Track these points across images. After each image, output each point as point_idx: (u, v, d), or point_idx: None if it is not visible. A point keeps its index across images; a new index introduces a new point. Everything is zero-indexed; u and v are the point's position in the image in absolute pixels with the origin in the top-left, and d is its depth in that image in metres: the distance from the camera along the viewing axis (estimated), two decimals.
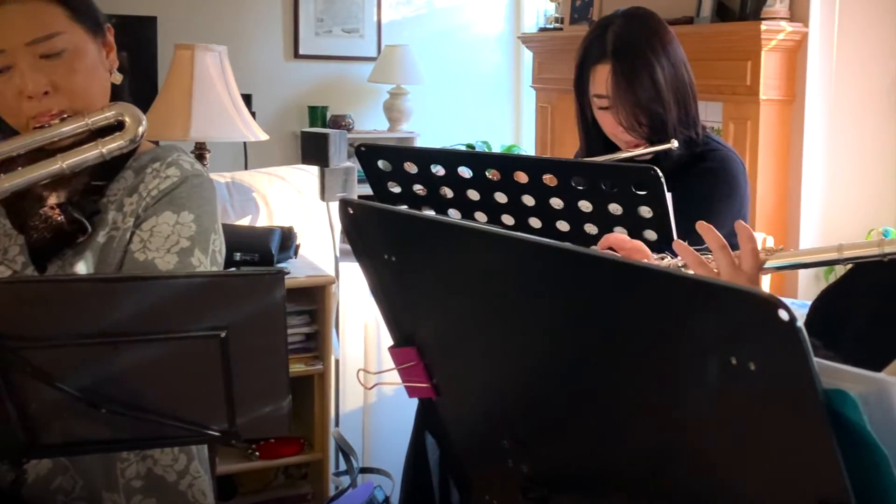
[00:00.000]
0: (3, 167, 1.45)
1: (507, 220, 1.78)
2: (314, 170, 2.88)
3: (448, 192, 1.80)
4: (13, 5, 1.45)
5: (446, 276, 0.92)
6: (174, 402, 1.13)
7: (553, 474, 0.94)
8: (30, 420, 1.13)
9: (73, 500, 1.47)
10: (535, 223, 1.76)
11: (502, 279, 0.86)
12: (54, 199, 1.48)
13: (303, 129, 3.28)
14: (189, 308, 1.10)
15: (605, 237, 1.61)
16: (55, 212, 1.46)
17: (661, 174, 1.63)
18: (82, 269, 1.47)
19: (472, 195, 1.78)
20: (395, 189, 1.84)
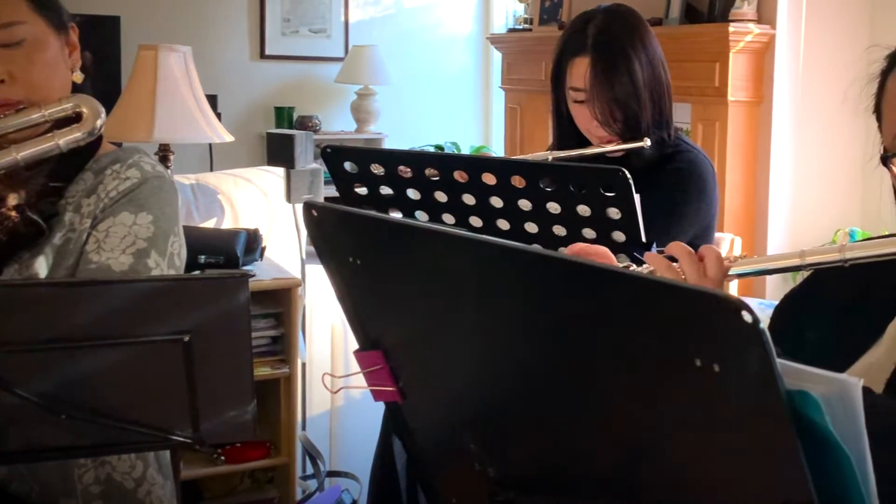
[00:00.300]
0: None
1: (475, 222, 1.78)
2: (280, 171, 2.88)
3: (415, 194, 1.80)
4: None
5: (412, 279, 0.92)
6: (137, 407, 1.13)
7: (520, 477, 0.95)
8: None
9: None
10: (503, 225, 1.76)
11: (468, 282, 0.86)
12: (13, 199, 1.46)
13: (268, 131, 3.27)
14: (151, 312, 1.09)
15: (570, 248, 1.61)
16: (12, 213, 1.45)
17: (629, 176, 1.64)
18: (39, 271, 1.46)
19: (440, 197, 1.78)
20: (362, 191, 1.84)
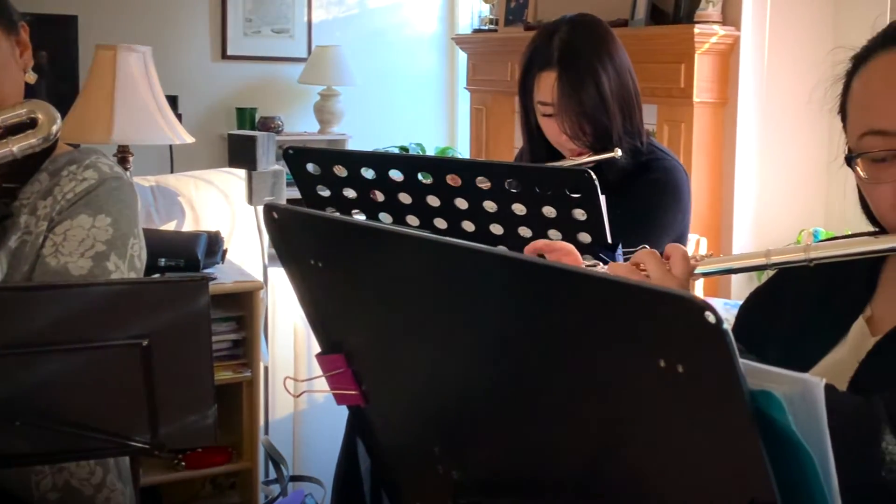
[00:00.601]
0: None
1: (439, 224, 1.78)
2: (242, 173, 2.86)
3: (379, 196, 1.80)
4: None
5: (374, 282, 0.92)
6: (95, 413, 1.12)
7: (484, 480, 0.95)
8: None
9: None
10: (468, 227, 1.77)
11: (431, 284, 0.86)
12: None
13: (230, 132, 3.26)
14: (109, 316, 1.08)
15: (532, 243, 1.62)
16: None
17: (594, 177, 1.65)
18: None
19: (404, 199, 1.78)
20: (325, 193, 1.84)
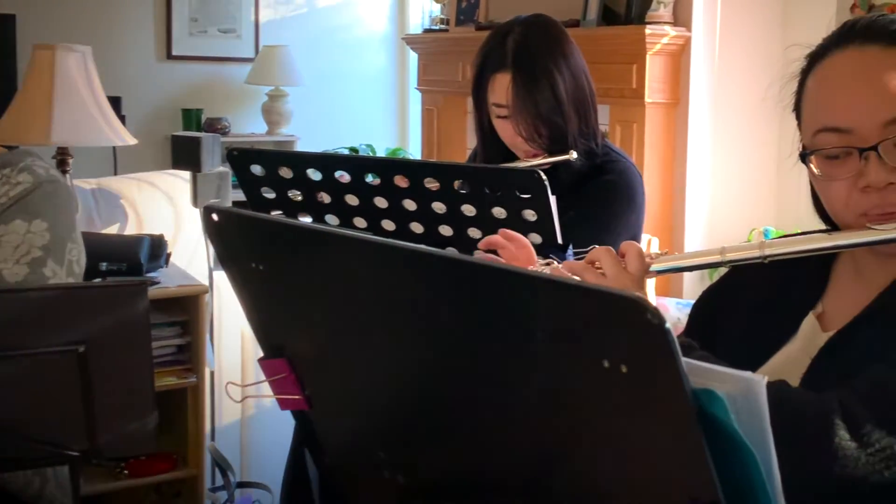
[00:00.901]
0: None
1: (387, 226, 1.78)
2: (186, 175, 2.84)
3: (325, 198, 1.79)
4: None
5: (316, 285, 0.92)
6: (29, 421, 1.10)
7: (430, 484, 0.95)
8: None
9: None
10: (416, 228, 1.77)
11: (373, 287, 0.86)
12: None
13: (173, 133, 3.23)
14: (45, 322, 1.07)
15: (487, 238, 1.62)
16: None
17: (544, 177, 1.66)
18: None
19: (351, 200, 1.78)
20: (270, 195, 1.83)
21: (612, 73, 3.90)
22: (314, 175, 1.77)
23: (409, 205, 1.74)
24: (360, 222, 1.80)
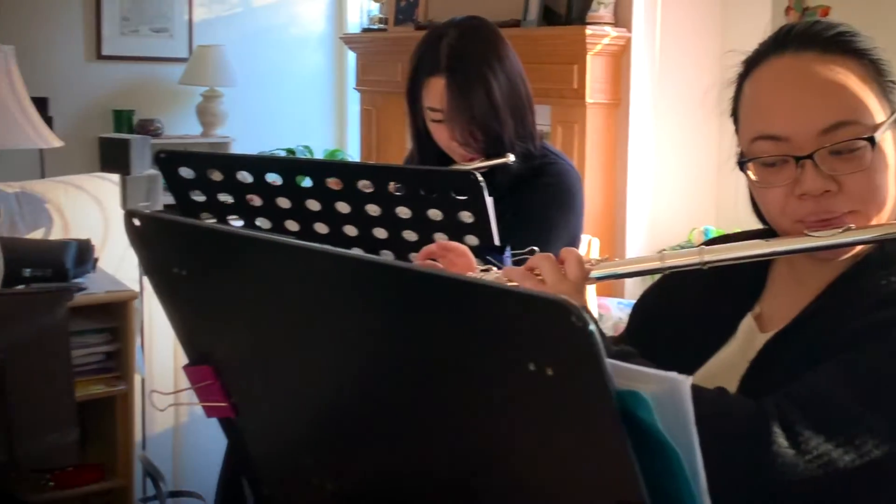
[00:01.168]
0: None
1: (320, 229, 1.78)
2: (115, 178, 2.81)
3: (257, 201, 1.78)
4: None
5: (240, 291, 0.91)
6: None
7: (359, 490, 0.95)
8: None
9: None
10: (350, 231, 1.76)
11: (298, 292, 0.86)
12: None
13: (101, 135, 3.18)
14: None
15: (424, 249, 1.63)
16: None
17: (481, 179, 1.66)
18: None
19: (283, 203, 1.77)
20: (200, 198, 1.81)
21: (552, 73, 3.93)
22: (245, 178, 1.76)
23: (343, 207, 1.73)
24: (292, 225, 1.79)
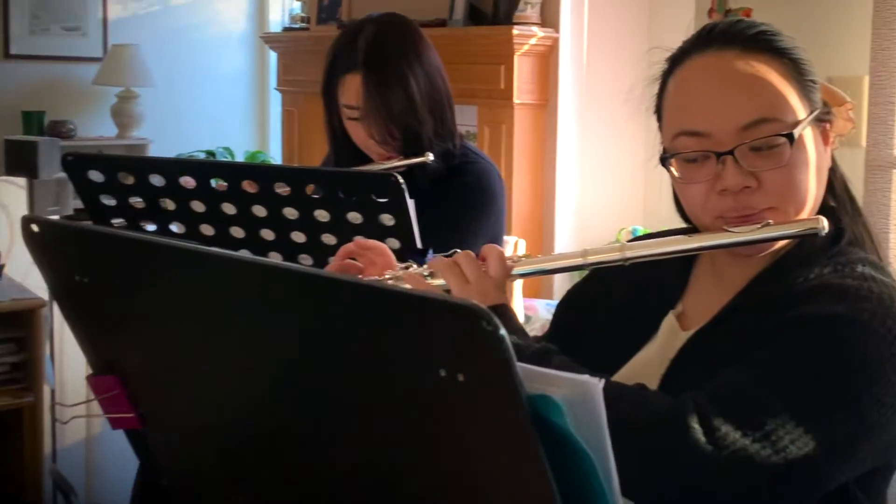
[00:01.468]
0: None
1: (236, 233, 1.76)
2: (22, 181, 2.75)
3: (170, 204, 1.76)
4: None
5: (144, 298, 0.90)
6: None
7: (275, 501, 0.94)
8: None
9: None
10: (267, 235, 1.75)
11: (204, 299, 0.85)
12: None
13: (6, 137, 3.11)
14: None
15: (343, 248, 1.62)
16: None
17: (401, 180, 1.66)
18: None
19: (197, 207, 1.75)
20: (110, 202, 1.79)
21: (479, 73, 3.95)
22: (157, 180, 1.74)
23: (259, 211, 1.72)
24: (207, 230, 1.77)
